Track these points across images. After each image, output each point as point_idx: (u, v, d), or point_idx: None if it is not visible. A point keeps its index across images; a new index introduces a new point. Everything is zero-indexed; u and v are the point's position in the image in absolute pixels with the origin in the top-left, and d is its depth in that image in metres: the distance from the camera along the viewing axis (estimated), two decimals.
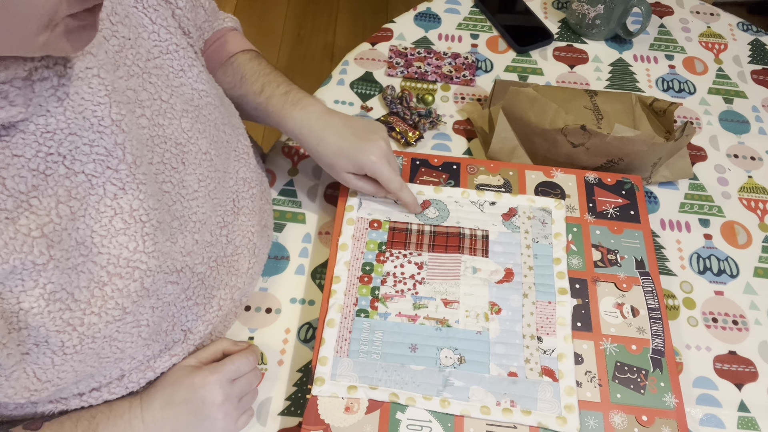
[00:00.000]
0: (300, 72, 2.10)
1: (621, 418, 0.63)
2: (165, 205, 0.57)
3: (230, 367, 0.62)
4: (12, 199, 0.44)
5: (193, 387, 0.60)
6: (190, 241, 0.61)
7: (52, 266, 0.47)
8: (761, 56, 1.05)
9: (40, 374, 0.50)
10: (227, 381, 0.61)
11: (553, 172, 0.80)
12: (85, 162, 0.49)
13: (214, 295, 0.66)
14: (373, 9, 2.30)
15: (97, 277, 0.51)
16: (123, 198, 0.52)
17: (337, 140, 0.72)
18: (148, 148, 0.55)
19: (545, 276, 0.71)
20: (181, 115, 0.59)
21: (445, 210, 0.76)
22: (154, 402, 0.60)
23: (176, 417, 0.60)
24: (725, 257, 0.80)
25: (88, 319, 0.51)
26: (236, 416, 0.63)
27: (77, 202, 0.49)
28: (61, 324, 0.49)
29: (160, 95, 0.57)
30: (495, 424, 0.62)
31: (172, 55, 0.60)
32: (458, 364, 0.65)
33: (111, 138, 0.50)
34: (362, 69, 0.98)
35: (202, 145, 0.62)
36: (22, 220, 0.45)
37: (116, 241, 0.52)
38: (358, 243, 0.73)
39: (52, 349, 0.50)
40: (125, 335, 0.55)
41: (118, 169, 0.51)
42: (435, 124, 0.91)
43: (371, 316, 0.68)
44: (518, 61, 1.01)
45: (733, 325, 0.75)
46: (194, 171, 0.61)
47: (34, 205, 0.46)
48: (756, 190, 0.87)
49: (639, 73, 1.01)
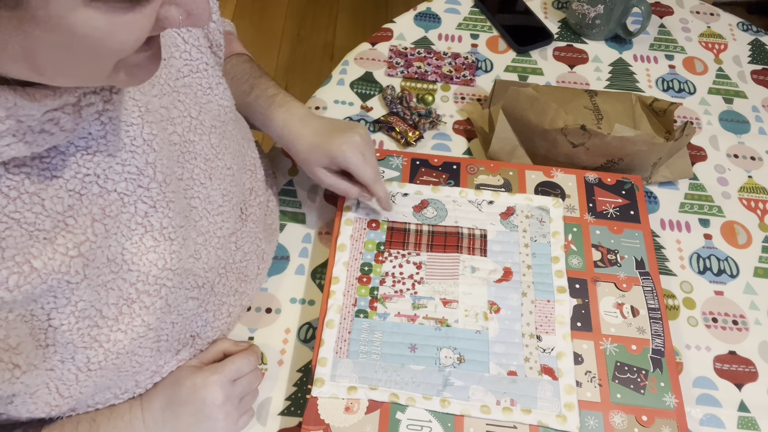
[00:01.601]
0: (300, 72, 2.10)
1: (621, 418, 0.63)
2: (192, 221, 0.58)
3: (231, 368, 0.62)
4: (50, 219, 0.45)
5: (194, 387, 0.60)
6: (213, 257, 0.62)
7: (85, 284, 0.48)
8: (761, 56, 1.05)
9: (63, 390, 0.51)
10: (228, 381, 0.61)
11: (553, 172, 0.80)
12: (118, 181, 0.50)
13: (224, 302, 0.66)
14: (373, 9, 2.30)
15: (126, 294, 0.52)
16: (153, 216, 0.53)
17: (313, 136, 0.72)
18: (179, 164, 0.56)
19: (544, 275, 0.71)
20: (209, 131, 0.60)
21: (443, 209, 0.76)
22: (155, 403, 0.60)
23: (177, 417, 0.60)
24: (725, 257, 0.80)
25: (115, 336, 0.52)
26: (237, 417, 0.63)
27: (111, 220, 0.49)
28: (88, 340, 0.50)
29: (190, 112, 0.58)
30: (495, 423, 0.62)
31: (201, 73, 0.60)
32: (458, 364, 0.65)
33: (143, 157, 0.51)
34: (362, 69, 0.98)
35: (227, 160, 0.63)
36: (59, 240, 0.45)
37: (146, 258, 0.53)
38: (356, 243, 0.73)
39: (77, 365, 0.50)
40: (145, 350, 0.56)
41: (149, 187, 0.52)
42: (435, 124, 0.91)
43: (370, 316, 0.68)
44: (518, 61, 1.01)
45: (733, 325, 0.75)
46: (219, 186, 0.62)
47: (69, 225, 0.46)
48: (756, 190, 0.87)
49: (639, 73, 1.01)
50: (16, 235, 0.42)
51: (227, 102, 0.64)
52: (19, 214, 0.43)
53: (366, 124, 0.91)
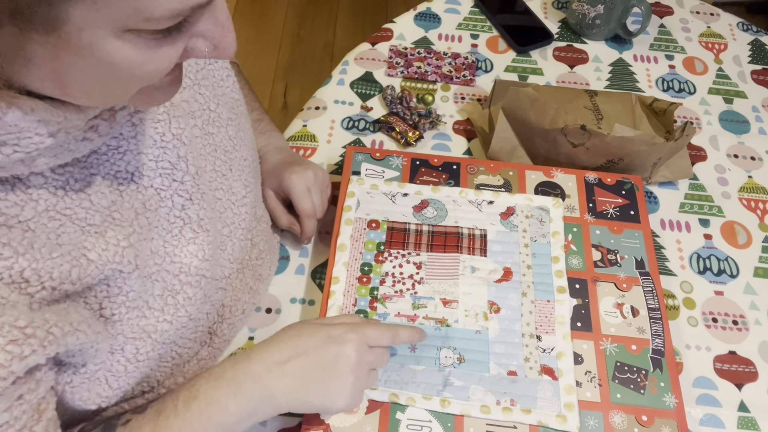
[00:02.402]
0: (300, 72, 2.10)
1: (621, 418, 0.63)
2: (217, 213, 0.59)
3: (370, 332, 0.57)
4: (99, 214, 0.46)
5: (328, 339, 0.55)
6: (237, 248, 0.62)
7: (136, 274, 0.49)
8: (761, 56, 1.05)
9: (112, 381, 0.51)
10: (364, 344, 0.57)
11: (553, 172, 0.80)
12: (153, 177, 0.51)
13: (239, 298, 0.67)
14: (373, 9, 2.30)
15: (170, 286, 0.53)
16: (190, 208, 0.54)
17: (278, 162, 0.75)
18: (202, 157, 0.57)
19: (544, 275, 0.71)
20: (227, 123, 0.61)
21: (443, 209, 0.76)
22: (272, 354, 0.54)
23: (303, 370, 0.54)
24: (725, 257, 0.80)
25: (161, 327, 0.53)
26: (362, 387, 0.57)
27: (151, 213, 0.51)
28: (137, 331, 0.51)
29: (209, 105, 0.59)
30: (495, 423, 0.62)
31: (213, 65, 0.61)
32: (458, 364, 0.65)
33: (174, 152, 0.52)
34: (362, 69, 0.98)
35: (244, 151, 0.64)
36: (109, 233, 0.46)
37: (187, 250, 0.54)
38: (356, 243, 0.73)
39: (127, 357, 0.51)
40: (185, 341, 0.57)
41: (183, 180, 0.53)
42: (435, 124, 0.91)
43: (370, 316, 0.68)
44: (518, 61, 1.01)
45: (733, 325, 0.75)
46: (239, 177, 0.63)
47: (116, 218, 0.47)
48: (756, 190, 0.87)
49: (639, 73, 1.01)
50: (69, 231, 0.44)
51: (237, 95, 0.65)
52: (70, 210, 0.44)
53: (366, 124, 0.91)
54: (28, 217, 0.42)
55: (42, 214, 0.42)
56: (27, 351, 0.39)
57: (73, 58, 0.34)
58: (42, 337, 0.40)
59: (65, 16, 0.31)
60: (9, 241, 0.40)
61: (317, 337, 0.55)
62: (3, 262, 0.39)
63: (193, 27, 0.37)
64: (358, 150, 0.81)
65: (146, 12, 0.33)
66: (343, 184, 0.78)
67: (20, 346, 0.39)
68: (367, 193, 0.77)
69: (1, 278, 0.40)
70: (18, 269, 0.40)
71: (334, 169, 0.86)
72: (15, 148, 0.37)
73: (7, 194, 0.41)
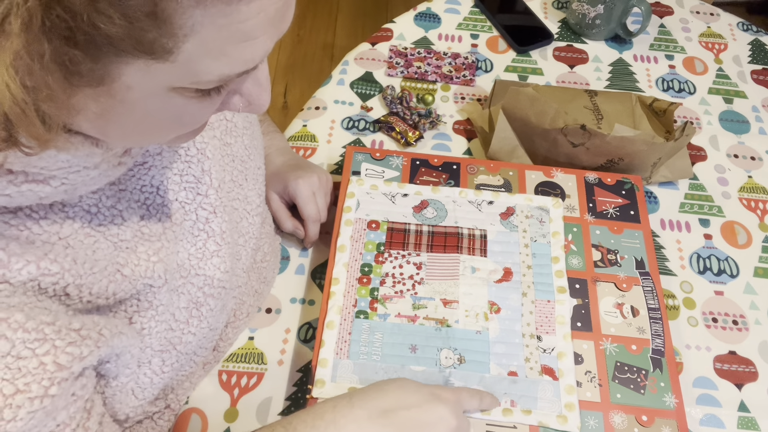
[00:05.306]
0: (300, 72, 2.10)
1: (621, 418, 0.63)
2: (234, 223, 0.59)
3: (467, 398, 0.58)
4: (129, 229, 0.47)
5: (432, 397, 0.54)
6: (249, 257, 0.63)
7: (166, 288, 0.49)
8: (761, 56, 1.05)
9: (138, 393, 0.52)
10: (461, 410, 0.57)
11: (553, 172, 0.80)
12: (177, 191, 0.52)
13: (244, 302, 0.67)
14: (373, 9, 2.30)
15: (195, 298, 0.54)
16: (214, 221, 0.55)
17: (281, 165, 0.76)
18: (221, 168, 0.57)
19: (544, 275, 0.71)
20: (242, 133, 0.62)
21: (443, 210, 0.76)
22: (373, 401, 0.53)
23: (403, 424, 0.53)
24: (725, 257, 0.80)
25: (186, 338, 0.53)
26: None
27: (177, 227, 0.52)
28: (164, 344, 0.52)
29: (225, 114, 0.60)
30: (495, 424, 0.62)
31: None
32: (458, 364, 0.65)
33: (198, 166, 0.53)
34: (362, 69, 0.98)
35: (257, 160, 0.65)
36: (140, 248, 0.47)
37: (210, 263, 0.54)
38: (356, 244, 0.73)
39: (153, 369, 0.52)
40: (203, 350, 0.58)
41: (207, 194, 0.54)
42: (435, 124, 0.91)
43: (371, 317, 0.68)
44: (518, 61, 1.01)
45: (733, 325, 0.75)
46: (253, 186, 0.63)
47: (146, 234, 0.48)
48: (756, 190, 0.87)
49: (639, 73, 1.01)
50: (103, 247, 0.45)
51: None
52: (103, 227, 0.45)
53: (366, 124, 0.91)
54: (67, 234, 0.43)
55: (78, 231, 0.43)
56: (85, 352, 0.41)
57: (118, 108, 0.35)
58: (96, 339, 0.42)
59: (117, 75, 0.32)
60: (56, 257, 0.41)
61: (422, 394, 0.54)
62: (50, 278, 0.40)
63: (235, 85, 0.39)
64: (358, 150, 0.81)
65: (196, 77, 0.34)
66: (343, 184, 0.78)
67: (78, 347, 0.40)
68: (366, 194, 0.77)
69: (46, 292, 0.40)
70: (62, 284, 0.41)
71: (334, 169, 0.86)
72: (63, 180, 0.39)
73: (47, 213, 0.42)
